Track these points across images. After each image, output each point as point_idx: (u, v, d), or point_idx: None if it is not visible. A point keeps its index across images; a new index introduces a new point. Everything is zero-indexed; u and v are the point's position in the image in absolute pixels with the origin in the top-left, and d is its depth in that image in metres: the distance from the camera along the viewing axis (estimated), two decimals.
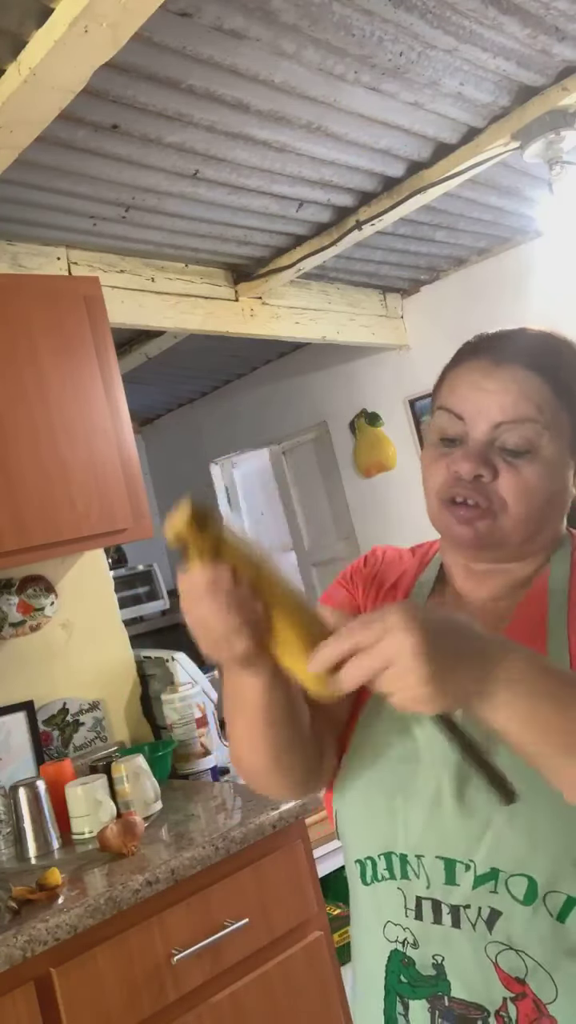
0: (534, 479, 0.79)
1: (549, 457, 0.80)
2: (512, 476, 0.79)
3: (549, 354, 0.84)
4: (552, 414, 0.80)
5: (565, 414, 0.81)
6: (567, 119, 2.06)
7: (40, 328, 1.87)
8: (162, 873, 1.49)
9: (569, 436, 0.81)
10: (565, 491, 0.83)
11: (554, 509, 0.82)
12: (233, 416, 4.50)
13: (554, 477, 0.80)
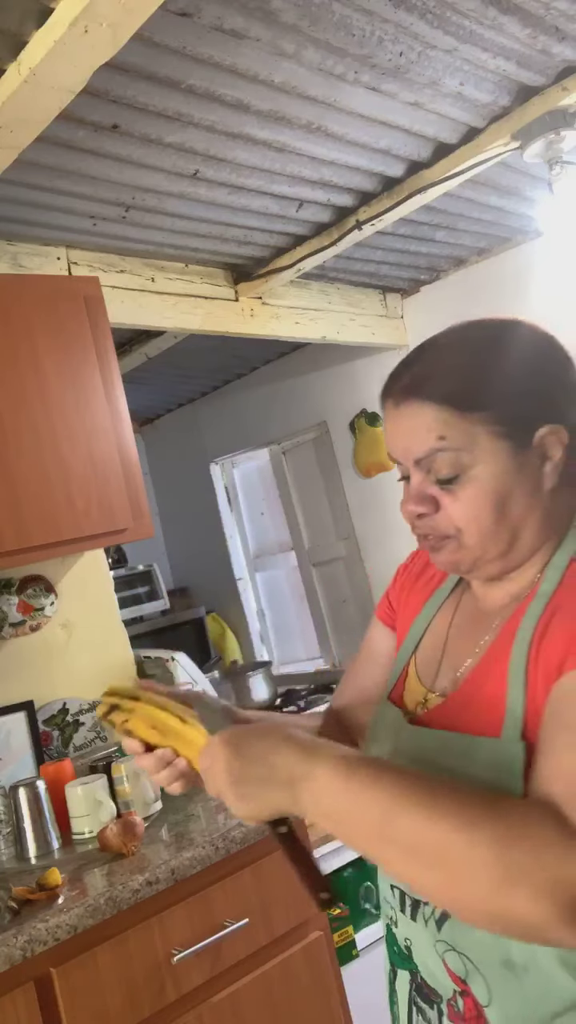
0: (474, 498, 0.79)
1: (483, 470, 0.79)
2: (452, 502, 0.80)
3: (445, 373, 0.82)
4: (462, 432, 0.79)
5: (484, 428, 0.79)
6: (567, 119, 2.06)
7: (40, 328, 1.87)
8: (162, 873, 1.49)
9: (504, 436, 0.79)
10: (528, 490, 0.80)
11: (522, 513, 0.80)
12: (233, 416, 4.50)
13: (500, 485, 0.79)
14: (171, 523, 5.06)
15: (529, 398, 0.80)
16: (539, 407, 0.80)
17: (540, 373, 0.82)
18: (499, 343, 0.85)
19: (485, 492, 0.79)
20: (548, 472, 0.80)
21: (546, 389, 0.81)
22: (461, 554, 0.82)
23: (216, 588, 4.79)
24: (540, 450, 0.80)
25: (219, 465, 4.76)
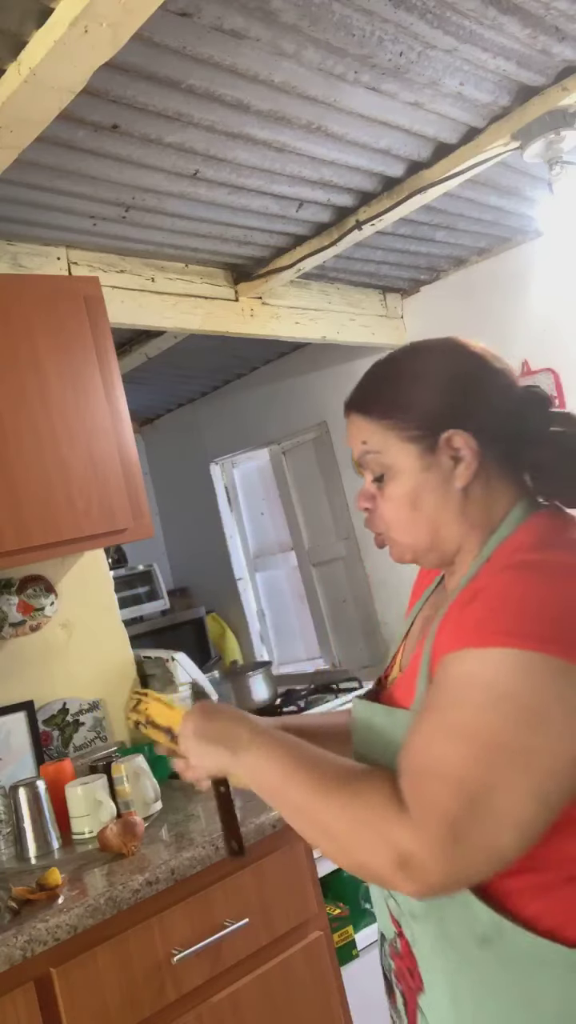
0: (394, 495, 0.92)
1: (399, 471, 0.91)
2: (382, 501, 0.94)
3: (369, 389, 0.96)
4: (379, 437, 0.92)
5: (394, 432, 0.91)
6: (567, 119, 2.06)
7: (40, 328, 1.87)
8: (162, 873, 1.49)
9: (412, 440, 0.90)
10: (439, 488, 0.90)
11: (436, 508, 0.90)
12: (233, 416, 4.50)
13: (412, 483, 0.90)
14: (171, 523, 5.06)
15: (432, 406, 0.90)
16: (443, 414, 0.90)
17: (445, 385, 0.92)
18: (412, 359, 0.95)
19: (403, 490, 0.91)
20: (460, 472, 0.89)
21: (450, 399, 0.91)
22: (397, 548, 0.95)
23: (216, 588, 4.79)
24: (449, 452, 0.89)
25: (219, 465, 4.76)
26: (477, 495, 0.90)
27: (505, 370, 0.94)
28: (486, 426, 0.90)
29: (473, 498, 0.90)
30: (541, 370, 3.11)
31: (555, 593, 0.78)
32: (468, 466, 0.89)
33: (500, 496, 0.91)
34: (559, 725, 0.74)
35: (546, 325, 3.09)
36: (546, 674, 0.74)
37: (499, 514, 0.91)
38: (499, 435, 0.90)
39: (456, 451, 0.89)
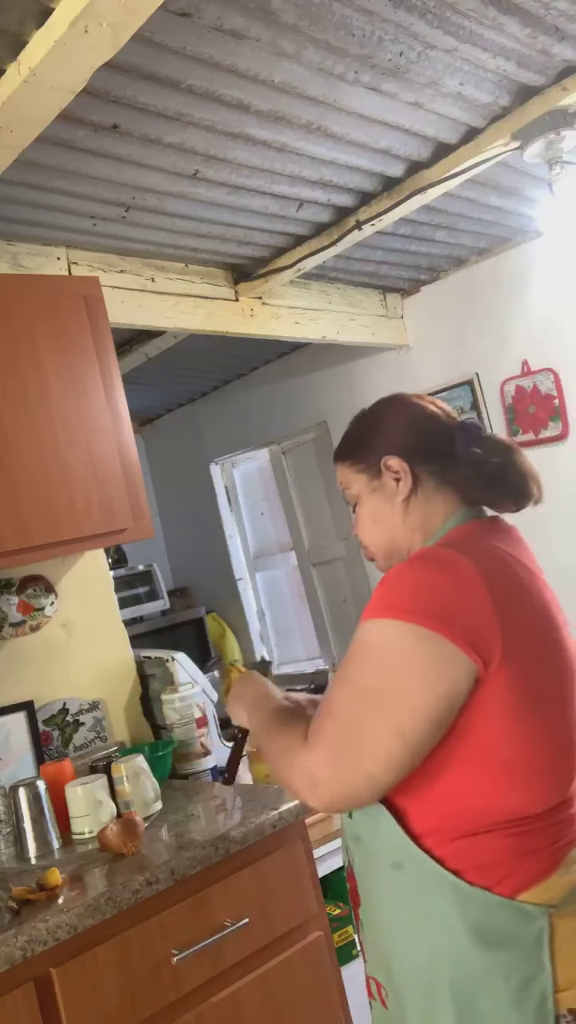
0: (362, 516, 1.21)
1: (361, 497, 1.20)
2: (358, 522, 1.23)
3: (340, 443, 1.25)
4: (345, 475, 1.22)
5: (353, 469, 1.21)
6: (567, 119, 2.06)
7: (40, 328, 1.87)
8: (162, 873, 1.49)
9: (361, 471, 1.20)
10: (387, 504, 1.17)
11: (387, 521, 1.17)
12: (233, 416, 4.50)
13: (369, 504, 1.19)
14: (171, 523, 5.06)
15: (373, 443, 1.19)
16: (381, 446, 1.17)
17: (383, 426, 1.20)
18: (366, 415, 1.25)
19: (365, 511, 1.20)
20: (400, 489, 1.15)
21: (386, 434, 1.18)
22: (376, 560, 1.23)
23: (216, 588, 4.79)
24: (389, 474, 1.16)
25: (219, 465, 4.76)
26: (416, 506, 1.16)
27: (437, 412, 1.21)
28: (417, 450, 1.16)
29: (413, 509, 1.16)
30: (541, 370, 3.11)
31: (425, 578, 1.01)
32: (404, 482, 1.15)
33: (439, 506, 1.15)
34: (418, 676, 0.96)
35: (546, 325, 3.09)
36: (409, 637, 0.97)
37: (438, 521, 1.15)
38: (430, 457, 1.15)
39: (394, 472, 1.15)
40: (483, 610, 0.97)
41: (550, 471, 3.66)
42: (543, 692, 1.01)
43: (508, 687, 0.97)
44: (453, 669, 0.96)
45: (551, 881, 0.99)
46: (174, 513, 5.02)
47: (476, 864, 1.00)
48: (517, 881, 0.99)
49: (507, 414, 3.25)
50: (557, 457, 3.13)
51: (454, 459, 1.15)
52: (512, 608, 1.00)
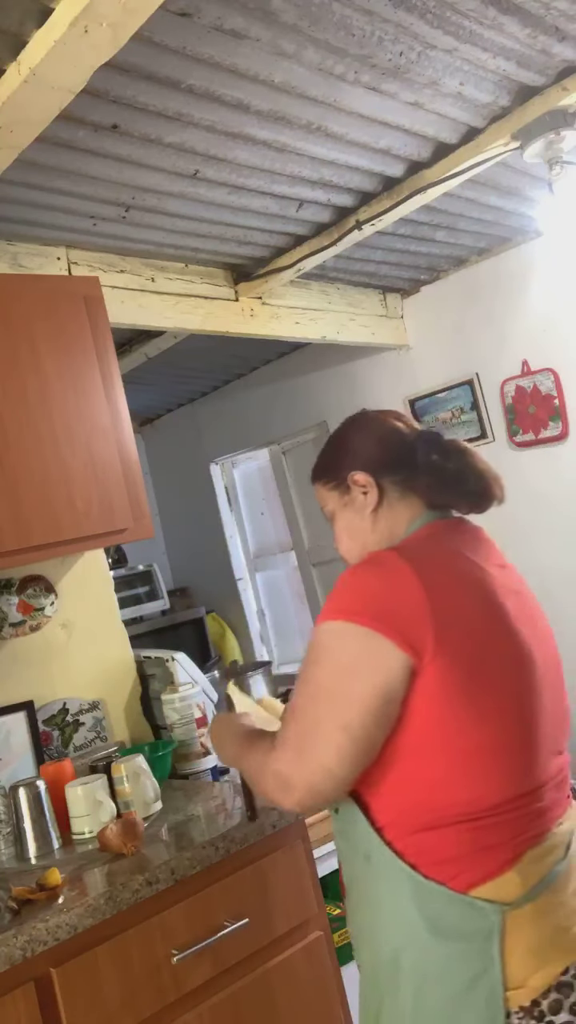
0: (338, 530, 1.29)
1: (335, 512, 1.29)
2: (336, 536, 1.30)
3: (314, 464, 1.34)
4: (320, 494, 1.31)
5: (326, 487, 1.30)
6: (567, 119, 2.06)
7: (40, 328, 1.87)
8: (162, 873, 1.49)
9: (333, 488, 1.29)
10: (357, 515, 1.25)
11: (359, 530, 1.25)
12: (233, 416, 4.50)
13: (342, 517, 1.27)
14: (171, 523, 5.06)
15: (340, 461, 1.28)
16: (345, 463, 1.26)
17: (348, 444, 1.29)
18: (332, 437, 1.34)
19: (341, 525, 1.28)
20: (368, 501, 1.23)
21: (350, 451, 1.27)
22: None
23: (216, 588, 4.79)
24: (356, 488, 1.24)
25: (219, 465, 4.76)
26: (384, 515, 1.23)
27: (399, 425, 1.27)
28: (380, 463, 1.23)
29: (381, 518, 1.23)
30: (541, 370, 3.11)
31: (363, 579, 1.08)
32: (370, 494, 1.22)
33: (402, 513, 1.22)
34: (356, 671, 1.03)
35: (546, 325, 3.09)
36: (349, 635, 1.05)
37: (402, 527, 1.22)
38: (394, 468, 1.22)
39: (361, 486, 1.23)
40: (414, 605, 1.03)
41: (550, 471, 3.68)
42: (487, 683, 1.04)
43: (442, 677, 1.02)
44: (386, 661, 1.02)
45: (506, 878, 1.02)
46: (174, 513, 5.02)
47: (433, 858, 1.04)
48: (472, 876, 1.02)
49: (507, 414, 3.25)
50: (557, 457, 3.13)
51: (416, 468, 1.22)
52: (448, 602, 1.05)
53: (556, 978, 0.99)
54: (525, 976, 0.99)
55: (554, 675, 1.16)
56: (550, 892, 1.02)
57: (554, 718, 1.13)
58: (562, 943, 1.01)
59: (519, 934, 1.00)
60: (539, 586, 3.64)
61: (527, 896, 1.01)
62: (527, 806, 1.05)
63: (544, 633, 1.19)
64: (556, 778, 1.11)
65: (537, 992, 0.99)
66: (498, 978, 0.98)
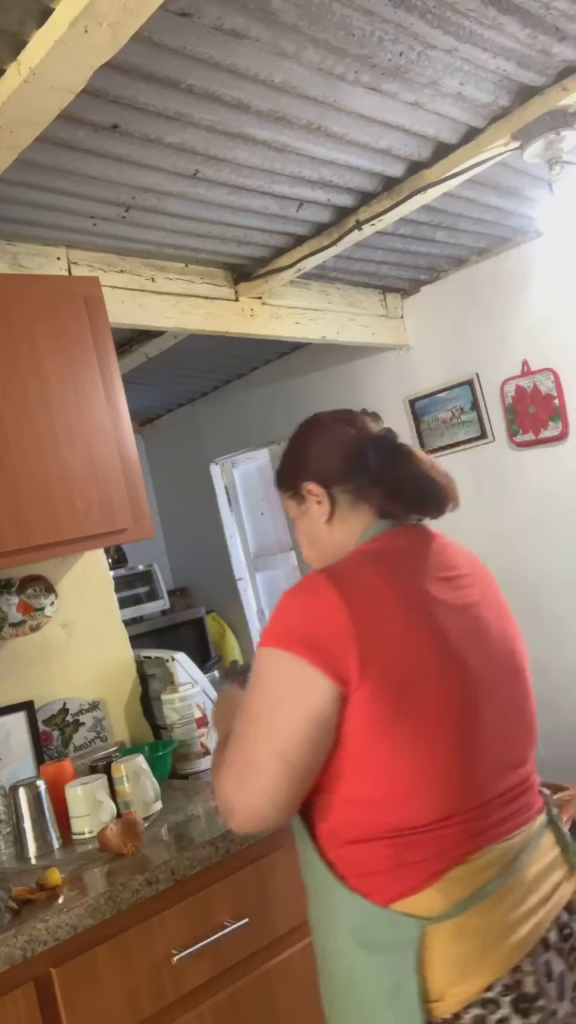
0: (299, 535, 1.31)
1: (296, 520, 1.30)
2: (298, 540, 1.33)
3: (277, 471, 1.34)
4: (286, 503, 1.32)
5: (286, 496, 1.31)
6: (567, 119, 2.06)
7: (40, 328, 1.87)
8: (162, 873, 1.49)
9: (290, 496, 1.30)
10: (314, 522, 1.26)
11: (317, 536, 1.27)
12: (233, 416, 4.50)
13: (301, 523, 1.29)
14: (171, 523, 5.06)
15: (291, 471, 1.29)
16: (299, 473, 1.27)
17: (301, 454, 1.29)
18: (288, 442, 1.34)
19: (301, 532, 1.30)
20: (321, 511, 1.24)
21: (302, 462, 1.28)
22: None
23: (216, 588, 4.79)
24: (310, 498, 1.25)
25: (219, 465, 4.76)
26: (337, 525, 1.24)
27: (351, 432, 1.27)
28: (332, 474, 1.24)
29: (335, 527, 1.24)
30: (541, 370, 3.11)
31: (292, 606, 1.09)
32: (323, 505, 1.24)
33: (356, 521, 1.22)
34: (288, 699, 1.04)
35: (546, 325, 3.09)
36: (279, 662, 1.06)
37: (355, 537, 1.22)
38: (345, 478, 1.23)
39: (315, 496, 1.24)
40: (338, 632, 1.03)
41: (550, 471, 3.67)
42: (417, 707, 1.03)
43: (369, 703, 1.02)
44: (316, 689, 1.02)
45: (427, 893, 1.02)
46: (174, 513, 5.02)
47: (358, 871, 1.07)
48: (393, 891, 1.04)
49: (507, 414, 3.25)
50: (557, 457, 3.13)
51: (368, 476, 1.22)
52: (374, 628, 1.05)
53: (479, 994, 0.99)
54: (443, 989, 1.00)
55: (510, 689, 1.15)
56: (477, 909, 1.02)
57: (509, 733, 1.13)
58: (487, 959, 1.00)
59: (438, 948, 1.00)
60: (539, 586, 3.65)
61: (448, 913, 1.01)
62: (459, 825, 1.05)
63: (500, 645, 1.16)
64: (509, 793, 1.11)
65: (458, 1006, 0.99)
66: (415, 989, 1.00)
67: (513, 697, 1.15)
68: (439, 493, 1.22)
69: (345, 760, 1.05)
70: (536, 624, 3.30)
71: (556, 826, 1.16)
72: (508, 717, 1.13)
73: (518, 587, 3.39)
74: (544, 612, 3.25)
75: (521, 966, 1.01)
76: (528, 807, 1.13)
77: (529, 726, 1.18)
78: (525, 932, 1.03)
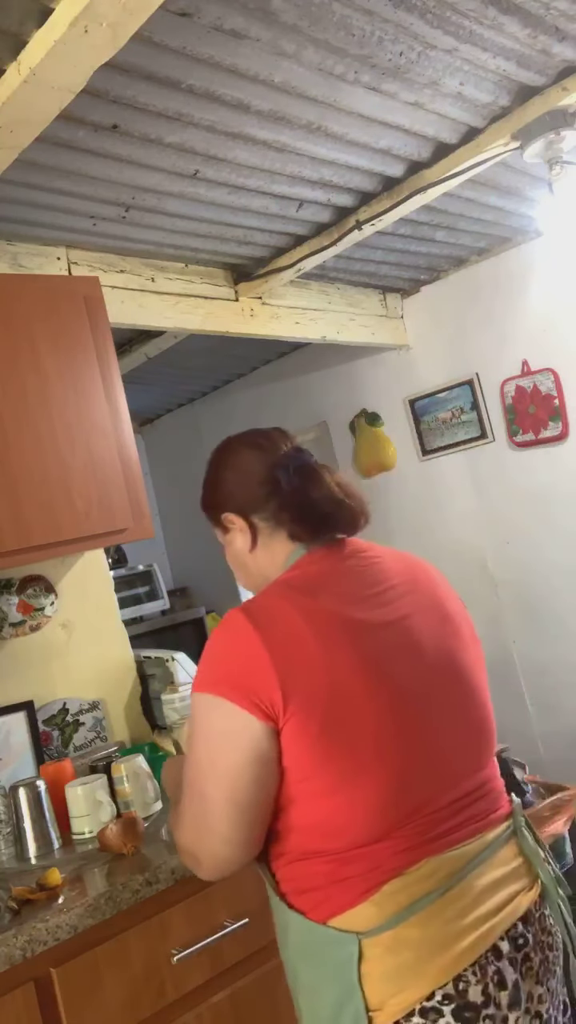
0: (228, 559, 1.32)
1: (224, 545, 1.31)
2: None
3: (201, 493, 1.33)
4: (212, 527, 1.33)
5: (210, 522, 1.33)
6: (567, 119, 2.06)
7: (40, 328, 1.87)
8: (162, 873, 1.49)
9: (214, 524, 1.32)
10: (240, 549, 1.27)
11: (244, 562, 1.28)
12: (233, 416, 4.50)
13: (228, 549, 1.30)
14: (171, 523, 5.06)
15: (211, 501, 1.30)
16: (218, 502, 1.28)
17: (215, 482, 1.30)
18: (207, 468, 1.33)
19: (229, 556, 1.31)
20: (245, 540, 1.25)
21: (219, 490, 1.28)
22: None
23: (216, 588, 4.79)
24: (233, 527, 1.26)
25: None
26: (260, 553, 1.25)
27: (261, 457, 1.25)
28: (248, 502, 1.24)
29: (258, 553, 1.25)
30: (541, 370, 3.11)
31: (215, 649, 1.10)
32: (244, 535, 1.25)
33: (276, 549, 1.23)
34: (232, 746, 1.04)
35: (546, 325, 3.09)
36: (211, 708, 1.06)
37: (280, 560, 1.23)
38: (261, 505, 1.23)
39: (236, 525, 1.25)
40: (260, 668, 1.04)
41: (550, 471, 3.67)
42: (345, 732, 1.04)
43: (298, 734, 1.03)
44: (249, 730, 1.04)
45: (361, 908, 1.04)
46: (174, 513, 5.02)
47: (297, 888, 1.10)
48: (329, 908, 1.06)
49: (507, 414, 3.25)
50: (557, 457, 3.13)
51: (282, 499, 1.22)
52: (294, 661, 1.05)
53: (418, 1003, 1.00)
54: (382, 1000, 1.01)
55: (452, 697, 1.14)
56: (415, 920, 1.02)
57: (457, 741, 1.12)
58: (425, 970, 1.01)
59: (375, 960, 1.02)
60: (539, 586, 3.65)
61: (384, 926, 1.02)
62: (396, 840, 1.05)
63: (436, 655, 1.15)
64: (461, 801, 1.11)
65: (397, 1015, 1.00)
66: (360, 1001, 1.01)
67: (457, 704, 1.15)
68: (346, 514, 1.22)
69: (285, 791, 1.07)
70: (536, 624, 3.30)
71: (523, 836, 1.15)
72: (454, 725, 1.13)
73: (518, 587, 3.40)
74: (544, 612, 3.25)
75: (464, 975, 1.01)
76: (484, 814, 1.13)
77: (481, 729, 1.17)
78: (469, 941, 1.02)
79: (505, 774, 1.92)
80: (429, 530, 3.55)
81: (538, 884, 1.13)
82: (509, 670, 3.37)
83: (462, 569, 3.39)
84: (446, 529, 3.49)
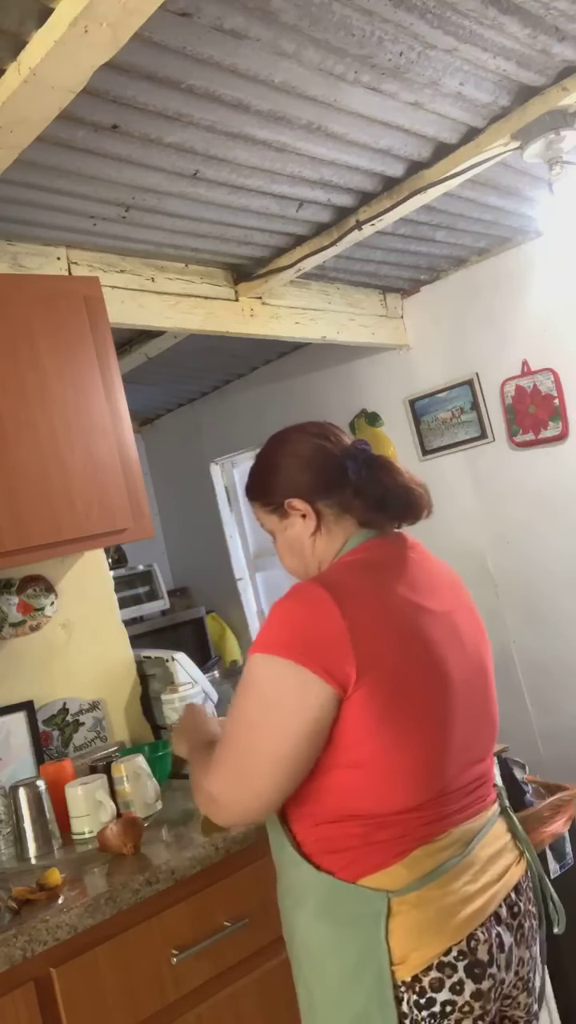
0: (279, 547, 1.35)
1: (276, 532, 1.34)
2: (277, 550, 1.36)
3: (247, 481, 1.37)
4: (259, 513, 1.35)
5: (264, 510, 1.34)
6: (567, 119, 2.06)
7: (40, 328, 1.87)
8: (162, 873, 1.49)
9: (271, 511, 1.33)
10: (297, 536, 1.30)
11: (300, 549, 1.31)
12: (233, 416, 4.50)
13: (282, 537, 1.32)
14: (171, 523, 5.06)
15: (268, 486, 1.32)
16: (279, 488, 1.30)
17: (280, 468, 1.31)
18: (263, 453, 1.35)
19: (281, 544, 1.34)
20: (307, 525, 1.28)
21: (284, 476, 1.30)
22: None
23: (216, 588, 4.79)
24: (295, 513, 1.29)
25: (219, 465, 4.76)
26: (322, 536, 1.28)
27: (326, 444, 1.30)
28: (314, 488, 1.27)
29: (319, 539, 1.28)
30: (541, 370, 3.11)
31: (289, 614, 1.13)
32: (309, 519, 1.28)
33: (338, 533, 1.28)
34: (287, 705, 1.09)
35: (546, 325, 3.09)
36: (277, 669, 1.10)
37: (337, 546, 1.27)
38: (328, 492, 1.27)
39: (299, 511, 1.28)
40: (338, 639, 1.09)
41: (550, 471, 3.67)
42: (404, 708, 1.12)
43: (364, 705, 1.09)
44: (316, 695, 1.08)
45: (392, 870, 1.12)
46: (174, 513, 5.02)
47: (327, 849, 1.15)
48: (361, 867, 1.13)
49: (507, 414, 3.25)
50: (557, 457, 3.13)
51: (349, 487, 1.27)
52: (368, 633, 1.11)
53: (437, 957, 1.09)
54: (405, 953, 1.09)
55: (476, 690, 1.23)
56: (437, 883, 1.11)
57: (473, 731, 1.21)
58: (445, 927, 1.10)
59: (402, 916, 1.09)
60: (539, 586, 3.65)
61: (411, 886, 1.11)
62: (425, 811, 1.13)
63: (472, 649, 1.25)
64: (470, 785, 1.21)
65: (417, 969, 1.08)
66: (384, 954, 1.09)
67: (481, 698, 1.25)
68: (418, 502, 1.28)
69: (329, 757, 1.12)
70: (536, 624, 3.30)
71: (508, 814, 1.28)
72: (475, 717, 1.22)
73: (518, 587, 3.40)
74: (544, 612, 3.25)
75: (476, 934, 1.11)
76: (484, 797, 1.24)
77: (492, 725, 1.28)
78: (479, 904, 1.13)
79: (505, 774, 1.92)
80: (429, 530, 3.53)
81: (524, 858, 1.25)
82: (509, 670, 3.37)
83: (462, 569, 3.35)
84: (446, 529, 3.49)
